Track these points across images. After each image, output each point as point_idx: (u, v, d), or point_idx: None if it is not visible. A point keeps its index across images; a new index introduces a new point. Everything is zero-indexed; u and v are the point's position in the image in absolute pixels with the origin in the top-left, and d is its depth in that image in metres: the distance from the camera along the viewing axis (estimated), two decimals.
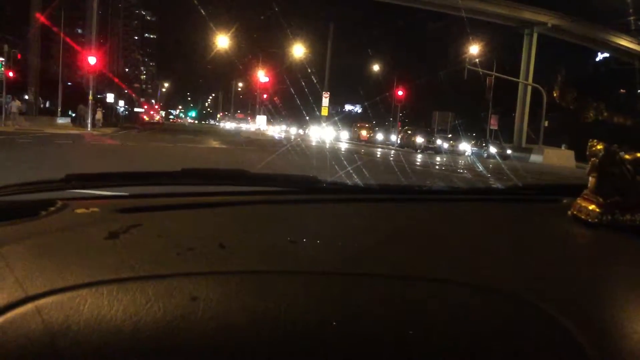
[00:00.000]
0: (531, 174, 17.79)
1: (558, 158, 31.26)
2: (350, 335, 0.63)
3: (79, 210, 0.94)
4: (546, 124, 38.83)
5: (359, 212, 1.17)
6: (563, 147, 35.62)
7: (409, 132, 41.88)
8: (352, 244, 0.89)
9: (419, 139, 38.30)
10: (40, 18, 39.28)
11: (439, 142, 38.62)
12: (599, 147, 1.07)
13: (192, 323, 0.60)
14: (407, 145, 38.86)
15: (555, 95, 35.64)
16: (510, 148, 37.55)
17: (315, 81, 49.42)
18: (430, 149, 36.70)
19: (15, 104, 29.25)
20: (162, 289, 0.64)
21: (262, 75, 57.21)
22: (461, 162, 26.24)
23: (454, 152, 36.08)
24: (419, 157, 27.61)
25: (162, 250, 0.77)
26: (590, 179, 1.09)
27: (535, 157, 33.46)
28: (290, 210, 1.14)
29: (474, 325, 0.66)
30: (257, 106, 69.47)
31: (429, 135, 40.26)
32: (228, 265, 0.73)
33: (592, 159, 1.08)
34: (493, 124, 41.76)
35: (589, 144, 1.09)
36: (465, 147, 37.77)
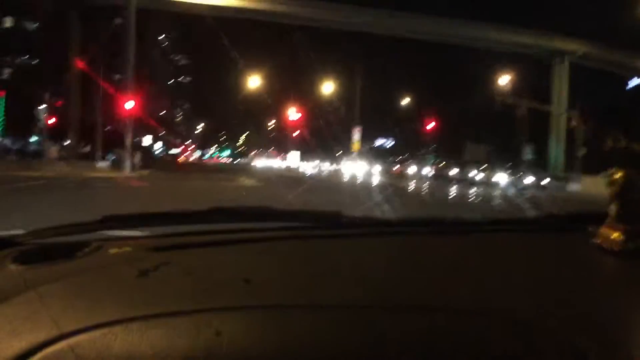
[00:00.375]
0: (569, 204, 17.40)
1: (597, 187, 30.50)
2: None
3: (112, 251, 0.99)
4: (584, 152, 38.02)
5: (382, 245, 1.19)
6: (601, 175, 34.77)
7: (442, 164, 41.59)
8: (376, 278, 0.91)
9: (452, 171, 38.00)
10: (80, 66, 40.84)
11: (472, 173, 38.19)
12: (619, 174, 1.07)
13: (217, 358, 0.61)
14: (440, 178, 38.52)
15: (571, 125, 35.06)
16: (547, 177, 36.84)
17: (346, 117, 49.75)
18: (464, 181, 36.27)
19: (54, 149, 30.23)
20: (188, 324, 0.66)
21: (293, 113, 57.89)
22: (495, 193, 25.85)
23: (488, 184, 35.52)
24: (452, 189, 27.31)
25: (189, 287, 0.79)
26: (612, 206, 1.08)
27: (573, 186, 32.73)
28: (314, 245, 1.16)
29: (497, 355, 0.66)
30: (290, 143, 70.18)
31: (462, 166, 39.91)
32: (253, 300, 0.74)
33: (613, 187, 1.08)
34: (527, 153, 41.19)
35: (609, 171, 1.09)
36: (500, 177, 37.20)
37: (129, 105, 31.61)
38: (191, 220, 1.24)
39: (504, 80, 37.85)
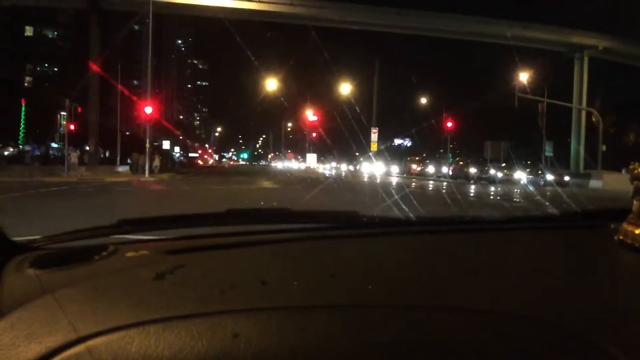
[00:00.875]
0: (591, 200, 17.18)
1: (619, 183, 29.99)
2: None
3: (129, 254, 0.99)
4: (604, 148, 37.46)
5: (400, 245, 1.18)
6: (623, 172, 34.18)
7: (461, 162, 40.84)
8: (392, 277, 0.90)
9: (472, 170, 37.29)
10: (99, 72, 41.37)
11: (492, 171, 37.47)
12: None
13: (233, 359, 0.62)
14: (460, 177, 37.75)
15: (594, 119, 34.45)
16: (568, 174, 36.35)
17: (363, 117, 49.72)
18: (484, 179, 35.67)
19: (75, 155, 30.65)
20: (205, 326, 0.66)
21: (310, 115, 58.07)
22: (516, 191, 25.59)
23: (509, 181, 34.95)
24: (472, 188, 27.07)
25: (206, 289, 0.79)
26: (634, 202, 1.06)
27: (594, 183, 32.25)
28: (331, 245, 1.15)
29: (518, 356, 0.66)
30: (307, 145, 70.33)
31: (482, 165, 39.12)
32: (269, 302, 0.74)
33: (636, 182, 1.06)
34: (547, 150, 40.74)
35: (631, 167, 1.06)
36: (521, 175, 36.64)
37: (148, 110, 31.89)
38: (207, 223, 1.24)
39: (524, 76, 37.36)
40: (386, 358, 0.64)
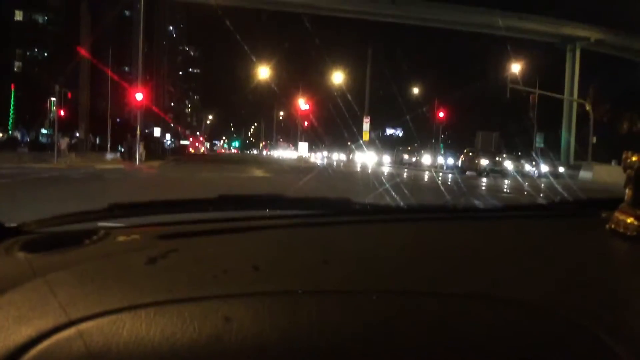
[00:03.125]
0: (581, 192, 17.28)
1: (609, 174, 30.17)
2: (385, 354, 0.64)
3: (120, 238, 0.98)
4: (594, 140, 37.62)
5: (392, 232, 1.18)
6: (613, 163, 34.40)
7: (471, 153, 37.04)
8: (386, 264, 0.90)
9: (484, 161, 34.10)
10: (89, 58, 40.98)
11: (506, 164, 34.21)
12: (634, 158, 1.05)
13: (226, 343, 0.62)
14: (469, 169, 35.01)
15: (587, 108, 34.32)
16: (558, 165, 36.43)
17: (356, 106, 49.64)
18: (496, 172, 33.03)
19: (64, 141, 30.45)
20: (197, 310, 0.66)
21: (302, 103, 57.94)
22: (507, 181, 25.61)
23: (499, 172, 33.97)
24: (483, 182, 26.53)
25: (198, 274, 0.78)
26: (627, 191, 1.06)
27: (584, 174, 32.43)
28: (324, 232, 1.15)
29: (512, 342, 0.66)
30: (299, 133, 70.24)
31: (494, 156, 35.56)
32: (262, 287, 0.74)
33: (628, 171, 1.06)
34: (538, 141, 40.81)
35: (624, 156, 1.07)
36: (510, 165, 35.78)
37: (139, 96, 31.67)
38: (199, 208, 1.24)
39: (516, 67, 37.35)
40: (378, 343, 0.64)
